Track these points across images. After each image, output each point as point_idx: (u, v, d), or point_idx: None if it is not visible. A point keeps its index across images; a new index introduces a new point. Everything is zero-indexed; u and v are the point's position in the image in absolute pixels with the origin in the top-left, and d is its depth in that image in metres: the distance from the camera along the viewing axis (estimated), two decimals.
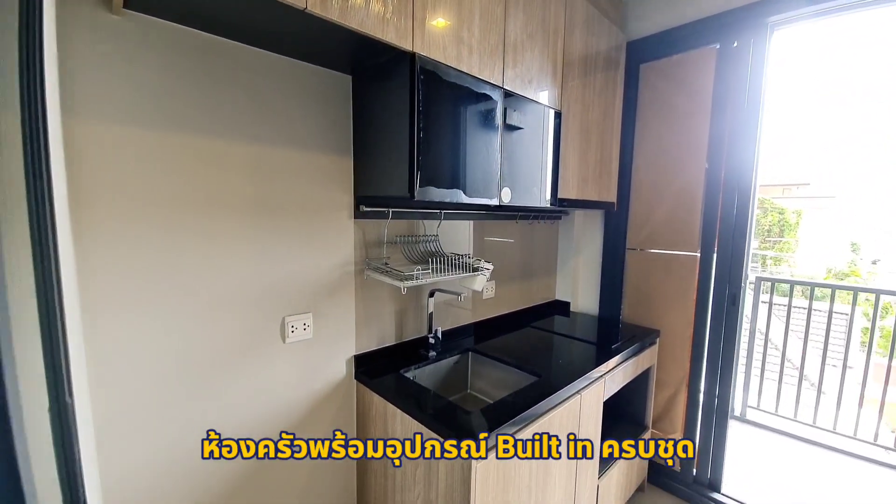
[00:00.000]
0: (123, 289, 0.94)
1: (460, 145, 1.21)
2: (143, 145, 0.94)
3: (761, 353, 2.91)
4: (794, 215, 10.26)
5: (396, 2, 1.00)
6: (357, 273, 1.38)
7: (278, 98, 1.14)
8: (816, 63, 4.03)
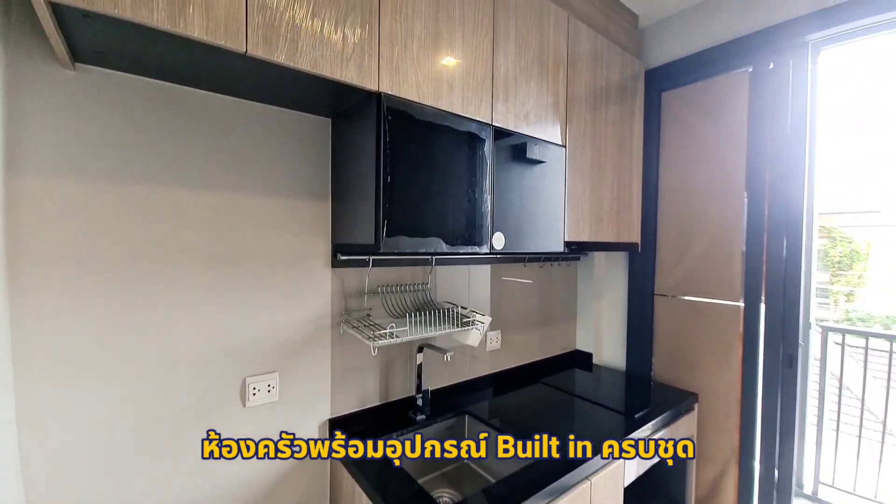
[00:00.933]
0: (65, 351, 0.88)
1: (439, 189, 1.08)
2: (93, 199, 0.90)
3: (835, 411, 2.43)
4: (865, 245, 9.14)
5: (358, 39, 0.92)
6: (334, 326, 1.26)
7: (247, 144, 1.09)
8: (885, 79, 3.57)
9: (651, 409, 1.49)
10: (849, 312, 7.10)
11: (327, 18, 0.87)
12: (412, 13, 1.02)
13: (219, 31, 0.74)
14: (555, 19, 1.39)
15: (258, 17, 0.78)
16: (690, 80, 1.79)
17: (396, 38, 0.99)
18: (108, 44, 0.79)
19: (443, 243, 1.09)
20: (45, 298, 0.85)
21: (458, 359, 1.61)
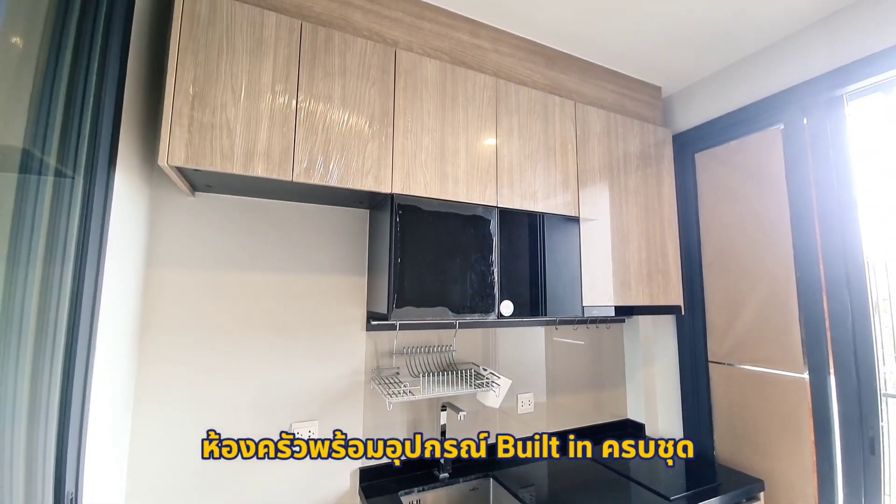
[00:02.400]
0: (168, 388, 1.21)
1: (445, 266, 1.28)
2: (195, 282, 1.28)
3: None
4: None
5: (375, 158, 1.21)
6: (366, 382, 1.47)
7: (302, 235, 1.43)
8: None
9: (696, 494, 1.36)
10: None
11: (352, 148, 1.18)
12: (421, 130, 1.29)
13: (274, 170, 1.08)
14: (560, 109, 1.57)
15: (301, 156, 1.11)
16: (722, 140, 1.79)
17: (407, 152, 1.26)
18: (212, 180, 1.18)
19: (449, 311, 1.26)
20: (158, 354, 1.21)
21: (488, 420, 1.67)
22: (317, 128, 1.14)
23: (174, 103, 1.00)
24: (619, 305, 1.60)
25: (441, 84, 1.35)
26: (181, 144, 1.00)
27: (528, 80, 1.59)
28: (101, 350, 0.95)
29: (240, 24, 1.08)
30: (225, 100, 1.05)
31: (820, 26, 1.49)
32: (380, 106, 1.24)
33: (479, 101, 1.41)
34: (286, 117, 1.11)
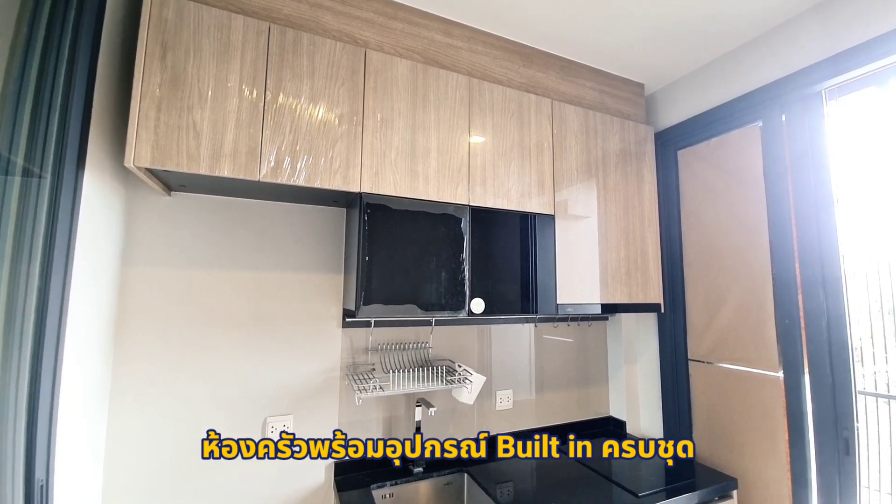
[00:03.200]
0: (145, 384, 1.25)
1: (415, 264, 1.29)
2: (172, 280, 1.31)
3: None
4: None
5: (344, 158, 1.23)
6: (342, 378, 1.49)
7: (278, 233, 1.45)
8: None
9: (664, 491, 1.36)
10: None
11: (320, 148, 1.20)
12: (391, 129, 1.31)
13: (240, 170, 1.10)
14: (536, 107, 1.58)
15: (268, 156, 1.14)
16: (704, 137, 1.77)
17: (377, 152, 1.28)
18: (185, 180, 1.21)
19: (418, 309, 1.28)
20: (134, 351, 1.25)
21: (464, 417, 1.69)
22: (284, 128, 1.16)
23: (140, 105, 1.03)
24: (595, 303, 1.60)
25: (412, 83, 1.36)
26: (147, 146, 1.02)
27: (504, 79, 1.60)
28: (72, 346, 0.98)
29: (207, 28, 1.11)
30: (192, 102, 1.07)
31: (797, 23, 1.47)
32: (349, 106, 1.25)
33: (452, 101, 1.42)
34: (253, 118, 1.13)
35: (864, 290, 2.25)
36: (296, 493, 1.39)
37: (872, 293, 2.41)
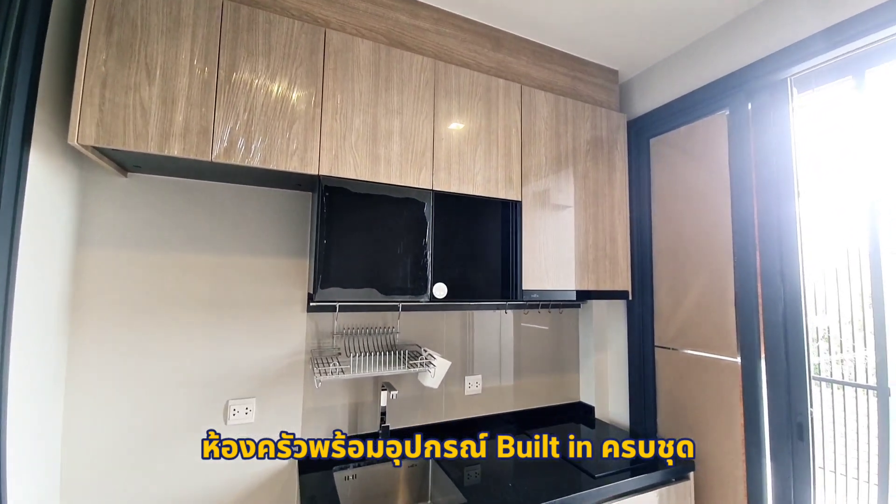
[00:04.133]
0: (103, 366, 1.24)
1: (375, 248, 1.29)
2: (130, 263, 1.30)
3: None
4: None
5: (301, 139, 1.21)
6: (307, 362, 1.49)
7: (240, 217, 1.44)
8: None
9: (620, 472, 1.39)
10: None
11: (276, 129, 1.18)
12: (352, 112, 1.29)
13: (192, 150, 1.08)
14: (504, 92, 1.56)
15: (221, 136, 1.12)
16: (674, 125, 1.77)
17: (336, 134, 1.26)
18: (139, 161, 1.19)
19: (377, 293, 1.28)
20: (92, 333, 1.24)
21: (432, 401, 1.71)
22: (238, 108, 1.14)
23: (85, 82, 1.01)
24: (561, 289, 1.61)
25: (374, 65, 1.34)
26: (92, 123, 1.00)
27: (473, 63, 1.58)
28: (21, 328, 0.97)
29: (155, 4, 1.08)
30: (139, 79, 1.05)
31: (765, 7, 1.46)
32: (307, 87, 1.23)
33: (416, 83, 1.40)
34: (205, 97, 1.11)
35: (822, 280, 2.28)
36: (258, 476, 1.40)
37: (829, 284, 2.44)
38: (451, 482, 1.34)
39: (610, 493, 1.32)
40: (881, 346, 1.99)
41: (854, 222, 2.11)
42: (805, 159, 1.40)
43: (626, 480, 1.36)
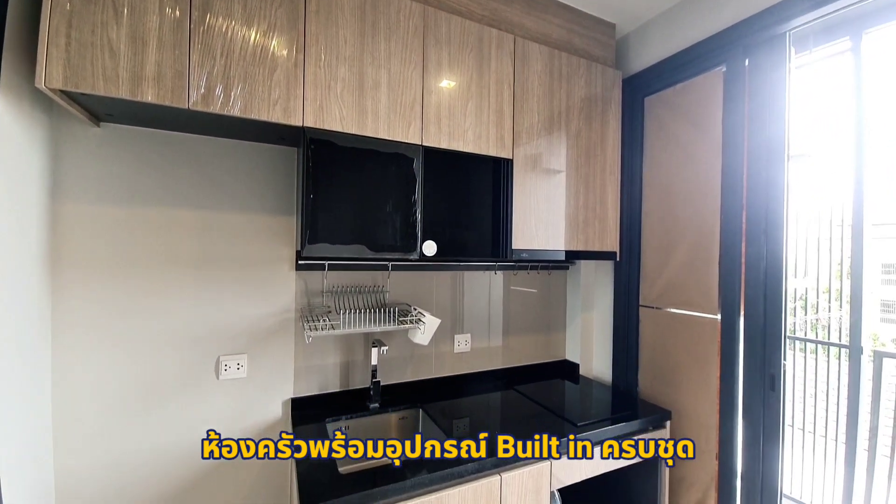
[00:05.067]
0: (86, 323, 1.24)
1: (363, 204, 1.27)
2: (111, 218, 1.26)
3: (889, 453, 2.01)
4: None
5: (284, 87, 1.16)
6: (297, 320, 1.50)
7: (222, 172, 1.39)
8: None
9: (600, 421, 1.46)
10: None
11: (256, 76, 1.12)
12: (336, 60, 1.23)
13: (166, 96, 1.03)
14: (497, 44, 1.50)
15: (197, 82, 1.06)
16: (670, 82, 1.73)
17: (321, 83, 1.21)
18: (111, 108, 1.13)
19: (367, 250, 1.27)
20: (75, 289, 1.22)
21: (423, 359, 1.75)
22: (214, 52, 1.08)
23: (50, 21, 0.93)
24: (550, 249, 1.62)
25: (360, 9, 1.26)
26: (59, 65, 0.94)
27: (464, 10, 1.50)
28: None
29: None
30: (106, 17, 0.98)
31: None
32: (288, 31, 1.16)
33: (404, 31, 1.33)
34: (178, 40, 1.04)
35: (804, 245, 2.33)
36: (252, 428, 1.44)
37: (811, 250, 2.51)
38: (441, 431, 1.39)
39: (591, 440, 1.39)
40: (857, 308, 2.08)
41: (840, 190, 2.13)
42: (797, 123, 1.39)
43: (607, 428, 1.43)
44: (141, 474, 1.30)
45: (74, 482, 1.22)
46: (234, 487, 1.41)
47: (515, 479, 1.24)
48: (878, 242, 2.15)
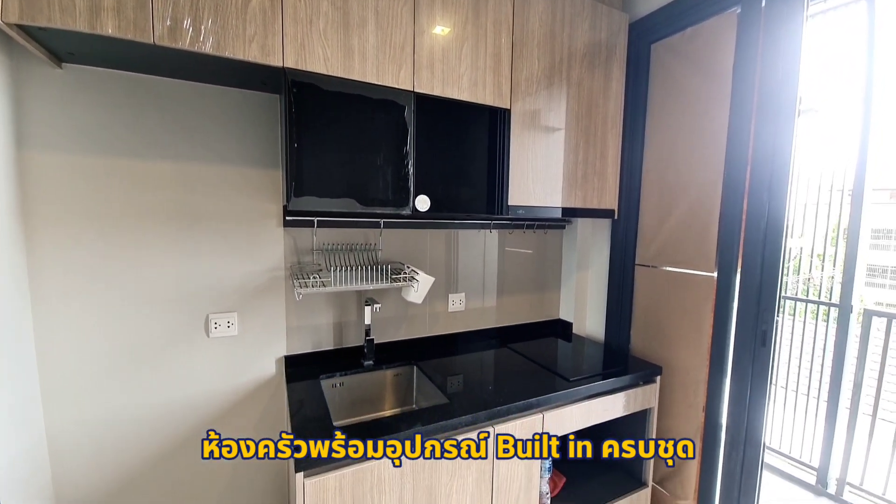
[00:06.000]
0: (66, 282, 1.19)
1: (352, 154, 1.20)
2: (82, 169, 1.18)
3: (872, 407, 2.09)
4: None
5: (261, 22, 1.05)
6: (287, 278, 1.47)
7: (204, 120, 1.30)
8: None
9: (592, 377, 1.47)
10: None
11: (228, 8, 1.01)
12: None
13: (128, 28, 0.93)
14: None
15: (161, 13, 0.95)
16: (680, 26, 1.62)
17: (301, 18, 1.10)
18: (70, 46, 1.02)
19: (357, 204, 1.21)
20: (51, 244, 1.16)
21: (416, 317, 1.74)
22: None
23: None
24: (547, 206, 1.57)
25: None
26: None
27: None
28: None
29: None
30: None
31: None
32: None
33: None
34: None
35: (802, 204, 2.28)
36: (245, 386, 1.44)
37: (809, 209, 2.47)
38: (435, 387, 1.40)
39: (583, 394, 1.41)
40: (850, 268, 2.08)
41: (844, 148, 2.05)
42: (808, 74, 1.31)
43: (599, 383, 1.44)
44: (139, 432, 1.30)
45: (69, 441, 1.22)
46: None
47: (509, 431, 1.26)
48: (874, 207, 2.12)
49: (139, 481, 1.32)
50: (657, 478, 1.71)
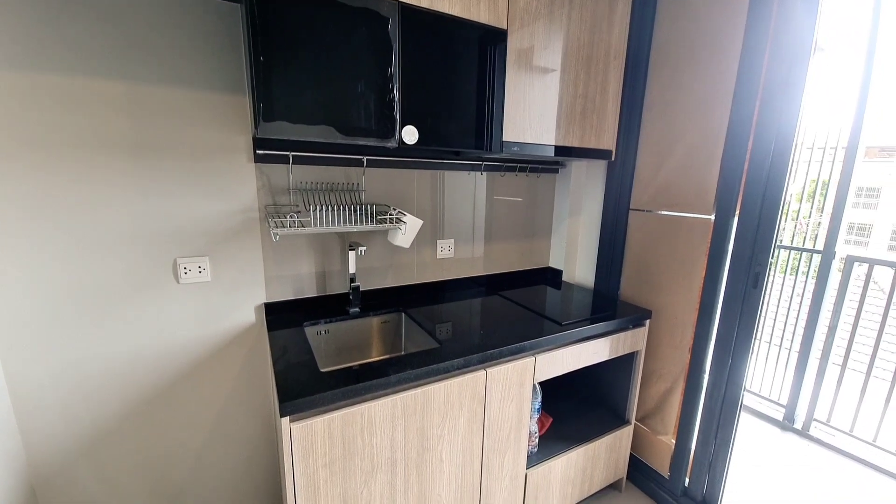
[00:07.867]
0: (15, 224, 1.05)
1: (330, 74, 1.04)
2: (9, 87, 1.00)
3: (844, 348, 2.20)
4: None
5: None
6: (262, 220, 1.35)
7: (149, 31, 1.11)
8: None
9: (583, 320, 1.45)
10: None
11: None
12: None
13: None
14: None
15: None
16: None
17: None
18: None
19: (336, 132, 1.08)
20: None
21: (403, 263, 1.66)
22: None
23: None
24: (544, 144, 1.46)
25: None
26: None
27: None
28: None
29: None
30: None
31: None
32: None
33: None
34: None
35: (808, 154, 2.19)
36: (223, 336, 1.36)
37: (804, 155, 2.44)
38: (425, 333, 1.36)
39: (574, 337, 1.39)
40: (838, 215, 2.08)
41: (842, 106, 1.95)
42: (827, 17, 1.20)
43: (589, 327, 1.43)
44: (108, 384, 1.22)
45: (33, 388, 1.14)
46: (212, 390, 1.38)
47: (500, 374, 1.23)
48: (863, 165, 2.09)
49: (115, 436, 1.26)
50: (639, 415, 1.77)
